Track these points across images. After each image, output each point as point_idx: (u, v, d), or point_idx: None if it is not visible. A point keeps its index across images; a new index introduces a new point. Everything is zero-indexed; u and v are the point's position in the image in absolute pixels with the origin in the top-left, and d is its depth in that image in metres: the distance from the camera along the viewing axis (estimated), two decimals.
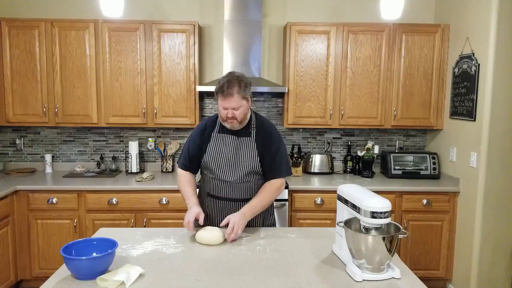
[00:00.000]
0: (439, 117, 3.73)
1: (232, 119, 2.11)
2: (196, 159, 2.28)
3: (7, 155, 4.00)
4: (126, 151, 3.97)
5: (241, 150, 2.20)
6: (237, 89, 2.06)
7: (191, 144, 2.28)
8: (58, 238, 3.39)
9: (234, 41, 3.66)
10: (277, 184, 2.22)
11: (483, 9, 3.13)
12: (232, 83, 2.07)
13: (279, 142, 2.25)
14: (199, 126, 2.30)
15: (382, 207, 1.60)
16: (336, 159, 4.10)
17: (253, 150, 2.20)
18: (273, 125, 2.32)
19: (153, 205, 3.39)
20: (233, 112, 2.08)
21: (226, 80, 2.08)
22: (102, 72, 3.59)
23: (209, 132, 2.25)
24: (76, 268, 1.61)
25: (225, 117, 2.12)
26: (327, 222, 3.39)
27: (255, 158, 2.20)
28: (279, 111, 4.05)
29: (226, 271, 1.71)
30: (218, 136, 2.23)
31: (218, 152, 2.21)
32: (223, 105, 2.09)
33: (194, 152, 2.27)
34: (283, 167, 2.24)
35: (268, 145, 2.21)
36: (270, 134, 2.24)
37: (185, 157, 2.30)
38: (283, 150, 2.26)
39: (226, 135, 2.22)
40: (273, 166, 2.21)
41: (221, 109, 2.11)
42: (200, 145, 2.25)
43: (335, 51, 3.64)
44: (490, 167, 3.15)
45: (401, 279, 1.65)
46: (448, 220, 3.48)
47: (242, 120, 2.15)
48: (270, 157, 2.21)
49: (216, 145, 2.22)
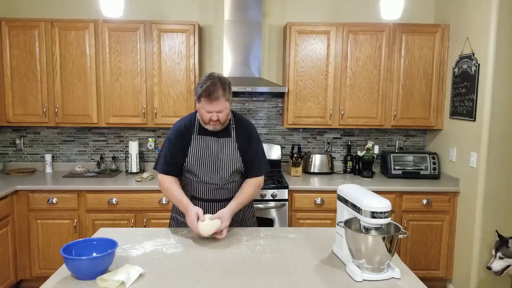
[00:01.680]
0: (439, 117, 3.73)
1: (215, 122, 2.07)
2: (178, 163, 2.20)
3: (7, 155, 4.00)
4: (126, 151, 3.97)
5: (223, 151, 2.18)
6: (222, 92, 2.02)
7: (171, 148, 2.18)
8: (58, 238, 3.39)
9: (234, 41, 3.66)
10: (259, 182, 2.26)
11: (483, 9, 3.13)
12: (216, 86, 2.01)
13: (258, 140, 2.26)
14: (177, 129, 2.20)
15: (382, 207, 1.60)
16: (336, 159, 4.10)
17: (235, 151, 2.19)
18: (251, 123, 2.31)
19: (153, 205, 3.39)
20: (217, 115, 2.05)
21: (210, 83, 2.01)
22: (102, 72, 3.59)
23: (189, 135, 2.18)
24: (76, 268, 1.61)
25: (208, 120, 2.07)
26: (327, 222, 3.39)
27: (237, 159, 2.19)
28: (279, 111, 4.05)
29: (226, 271, 1.71)
30: (199, 138, 2.18)
31: (200, 156, 2.17)
32: (208, 108, 2.03)
33: (176, 156, 2.18)
34: (263, 164, 2.27)
35: (249, 144, 2.21)
36: (250, 133, 2.24)
37: (166, 161, 2.19)
38: (261, 147, 2.29)
39: (207, 137, 2.17)
40: (254, 164, 2.23)
41: (204, 112, 2.05)
42: (183, 149, 2.17)
43: (335, 51, 3.64)
44: (490, 167, 3.15)
45: (401, 279, 1.65)
46: (448, 220, 3.48)
47: (225, 122, 2.13)
48: (251, 156, 2.21)
49: (197, 148, 2.17)
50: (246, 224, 2.36)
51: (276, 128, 4.08)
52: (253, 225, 2.40)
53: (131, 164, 3.85)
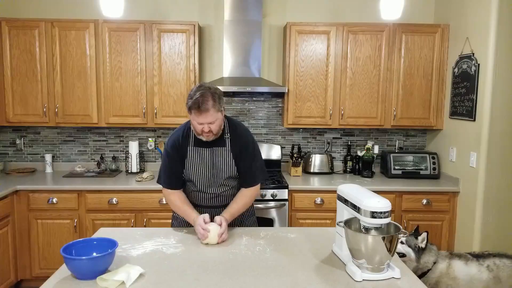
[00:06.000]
0: (439, 117, 3.73)
1: (208, 133, 2.05)
2: (179, 176, 2.21)
3: (7, 155, 4.00)
4: (126, 151, 3.97)
5: (219, 161, 2.17)
6: (212, 103, 1.97)
7: (172, 163, 2.19)
8: (58, 238, 3.40)
9: (234, 41, 3.66)
10: (254, 192, 2.25)
11: (483, 9, 3.13)
12: (206, 97, 1.97)
13: (254, 149, 2.23)
14: (171, 144, 2.19)
15: (382, 207, 1.60)
16: (336, 159, 4.10)
17: (230, 160, 2.18)
18: (247, 129, 2.29)
19: (153, 205, 3.39)
20: (209, 126, 2.02)
21: (199, 95, 1.97)
22: (102, 72, 3.59)
23: (185, 147, 2.18)
24: (76, 268, 1.61)
25: (200, 131, 2.05)
26: (327, 222, 3.40)
27: (233, 167, 2.19)
28: (279, 111, 4.05)
29: (226, 271, 1.71)
30: (194, 150, 2.17)
31: (197, 167, 2.17)
32: (199, 120, 2.00)
33: (177, 169, 2.19)
34: (258, 173, 2.24)
35: (244, 153, 2.18)
36: (246, 142, 2.21)
37: (169, 176, 2.21)
38: (258, 156, 2.25)
39: (202, 149, 2.16)
40: (249, 173, 2.21)
41: (195, 124, 2.03)
42: (181, 162, 2.18)
43: (335, 51, 3.64)
44: (490, 167, 3.15)
45: (401, 279, 1.65)
46: (448, 220, 3.48)
47: (218, 132, 2.11)
48: (246, 165, 2.19)
49: (193, 160, 2.17)
50: (246, 224, 2.37)
51: (276, 128, 4.08)
52: (253, 225, 2.40)
53: (131, 164, 3.85)
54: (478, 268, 2.35)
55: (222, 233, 2.02)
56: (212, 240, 2.00)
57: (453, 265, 2.38)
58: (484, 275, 2.33)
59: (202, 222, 2.03)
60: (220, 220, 2.07)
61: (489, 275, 2.33)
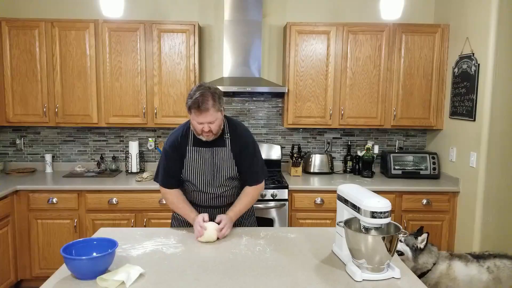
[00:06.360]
0: (439, 117, 3.73)
1: (208, 133, 2.05)
2: (177, 175, 2.21)
3: (7, 155, 4.00)
4: (126, 151, 3.97)
5: (218, 161, 2.17)
6: (211, 102, 1.98)
7: (170, 162, 2.19)
8: (58, 238, 3.40)
9: (234, 41, 3.66)
10: (257, 191, 2.26)
11: (483, 9, 3.13)
12: (206, 97, 1.97)
13: (254, 148, 2.23)
14: (171, 143, 2.19)
15: (382, 207, 1.60)
16: (336, 159, 4.10)
17: (230, 160, 2.18)
18: (246, 129, 2.29)
19: (153, 205, 3.39)
20: (209, 126, 2.02)
21: (199, 94, 1.97)
22: (102, 72, 3.59)
23: (184, 147, 2.18)
24: (76, 268, 1.61)
25: (200, 131, 2.05)
26: (327, 222, 3.40)
27: (233, 168, 2.19)
28: (279, 111, 4.05)
29: (226, 271, 1.71)
30: (193, 150, 2.17)
31: (196, 167, 2.17)
32: (198, 120, 2.00)
33: (174, 169, 2.19)
34: (260, 171, 2.25)
35: (245, 153, 2.19)
36: (246, 142, 2.21)
37: (167, 175, 2.21)
38: (258, 155, 2.26)
39: (202, 149, 2.16)
40: (251, 172, 2.22)
41: (195, 123, 2.03)
42: (179, 161, 2.18)
43: (335, 51, 3.64)
44: (490, 167, 3.15)
45: (401, 279, 1.65)
46: (448, 220, 3.48)
47: (218, 132, 2.11)
48: (247, 164, 2.20)
49: (193, 160, 2.17)
50: (246, 224, 2.37)
51: (276, 128, 4.08)
52: (253, 225, 2.40)
53: (131, 164, 3.85)
54: (478, 269, 2.35)
55: (222, 228, 2.03)
56: (211, 238, 2.01)
57: (453, 266, 2.38)
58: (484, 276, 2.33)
59: (201, 220, 2.05)
60: (219, 218, 2.08)
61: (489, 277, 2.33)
